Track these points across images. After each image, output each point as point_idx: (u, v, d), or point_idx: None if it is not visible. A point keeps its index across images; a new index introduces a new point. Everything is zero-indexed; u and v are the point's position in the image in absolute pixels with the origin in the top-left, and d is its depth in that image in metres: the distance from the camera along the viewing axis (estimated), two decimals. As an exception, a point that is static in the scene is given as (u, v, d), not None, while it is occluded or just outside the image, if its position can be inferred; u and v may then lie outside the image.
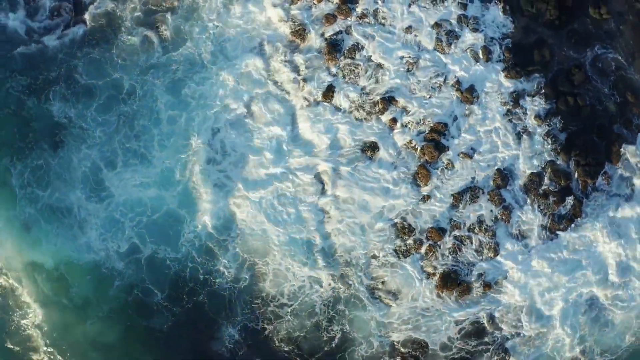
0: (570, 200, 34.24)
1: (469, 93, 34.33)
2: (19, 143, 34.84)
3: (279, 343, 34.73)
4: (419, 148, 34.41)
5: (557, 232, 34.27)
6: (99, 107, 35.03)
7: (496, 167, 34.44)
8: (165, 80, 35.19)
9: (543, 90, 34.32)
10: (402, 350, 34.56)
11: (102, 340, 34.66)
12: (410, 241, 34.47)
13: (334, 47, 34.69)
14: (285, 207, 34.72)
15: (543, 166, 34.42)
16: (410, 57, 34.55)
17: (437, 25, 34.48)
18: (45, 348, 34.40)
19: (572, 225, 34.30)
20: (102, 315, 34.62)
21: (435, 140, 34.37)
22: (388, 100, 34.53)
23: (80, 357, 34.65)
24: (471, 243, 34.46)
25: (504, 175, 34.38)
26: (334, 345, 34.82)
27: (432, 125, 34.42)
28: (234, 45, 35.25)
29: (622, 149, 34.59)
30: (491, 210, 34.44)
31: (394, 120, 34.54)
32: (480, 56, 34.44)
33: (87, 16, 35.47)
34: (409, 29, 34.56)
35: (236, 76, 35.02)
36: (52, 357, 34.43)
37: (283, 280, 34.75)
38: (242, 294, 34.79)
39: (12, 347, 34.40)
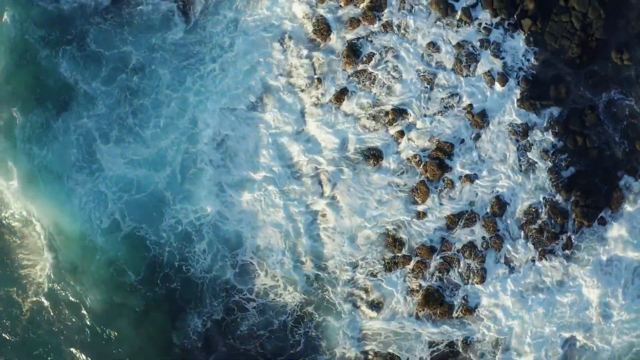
0: (563, 237, 34.21)
1: (479, 117, 34.31)
2: (26, 95, 35.00)
3: (240, 339, 34.73)
4: (422, 164, 34.42)
5: (542, 262, 34.27)
6: (104, 77, 35.09)
7: (496, 195, 34.43)
8: (173, 61, 35.18)
9: (554, 126, 34.28)
10: (374, 361, 34.69)
11: (88, 306, 34.92)
12: (399, 255, 34.49)
13: (353, 51, 34.72)
14: (275, 203, 34.75)
15: (542, 201, 34.38)
16: (427, 73, 34.55)
17: (458, 45, 34.46)
18: (35, 298, 34.78)
19: (555, 258, 34.24)
20: (87, 284, 34.83)
21: (440, 159, 34.37)
22: (399, 112, 34.55)
23: (73, 312, 34.90)
24: (459, 266, 34.46)
25: (502, 204, 34.37)
26: (298, 349, 34.78)
27: (438, 143, 34.43)
28: (254, 35, 35.22)
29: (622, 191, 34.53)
30: (483, 237, 34.44)
31: (401, 133, 34.56)
32: (497, 83, 34.39)
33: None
34: (430, 45, 34.55)
35: (250, 67, 35.04)
36: (44, 306, 34.83)
37: (254, 276, 34.80)
38: (212, 285, 34.78)
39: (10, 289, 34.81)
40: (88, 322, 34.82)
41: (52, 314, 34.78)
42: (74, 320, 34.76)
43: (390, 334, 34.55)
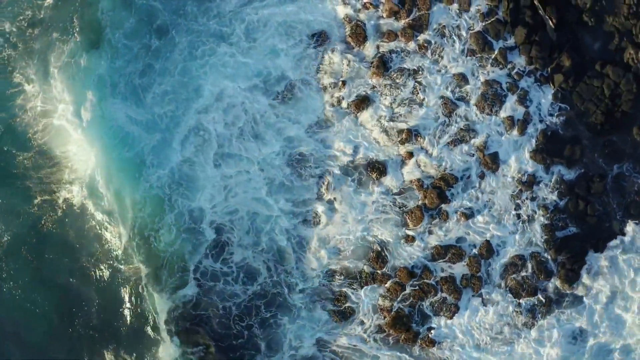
0: (541, 295, 34.21)
1: (490, 159, 34.30)
2: (67, 23, 35.46)
3: (187, 318, 34.91)
4: (423, 190, 34.46)
5: (514, 315, 34.32)
6: (130, 27, 35.36)
7: (487, 238, 34.44)
8: (196, 32, 35.31)
9: (560, 185, 34.24)
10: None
11: (99, 243, 35.71)
12: (378, 272, 34.58)
13: (384, 63, 34.78)
14: (262, 189, 34.89)
15: (530, 255, 34.35)
16: (449, 102, 34.57)
17: (487, 83, 34.41)
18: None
19: (528, 313, 34.26)
20: (102, 223, 35.62)
21: (442, 189, 34.42)
22: (413, 133, 34.58)
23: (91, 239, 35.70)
24: (435, 296, 34.48)
25: (491, 248, 34.38)
26: (240, 341, 34.87)
27: (444, 173, 34.46)
28: (289, 25, 35.26)
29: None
30: (464, 275, 34.48)
31: (410, 154, 34.62)
32: (515, 129, 34.34)
33: None
34: (459, 76, 34.56)
35: (277, 54, 35.15)
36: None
37: (212, 255, 35.05)
38: (171, 260, 34.94)
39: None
40: (93, 261, 35.36)
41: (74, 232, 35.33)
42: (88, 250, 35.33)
43: (348, 347, 34.63)
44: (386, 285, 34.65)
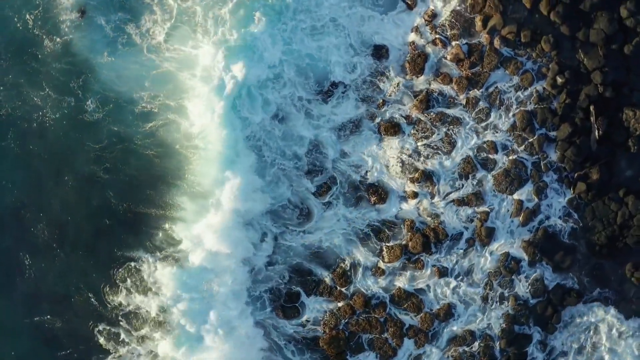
0: (477, 378, 34.54)
1: (486, 232, 34.33)
2: None
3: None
4: (411, 232, 34.52)
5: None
6: None
7: (449, 302, 34.54)
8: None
9: (538, 285, 34.29)
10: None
11: None
12: (338, 288, 34.67)
13: (428, 100, 34.76)
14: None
15: (482, 336, 34.47)
16: (471, 164, 34.56)
17: (514, 162, 34.28)
18: None
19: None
20: None
21: (429, 239, 34.49)
22: (426, 176, 34.61)
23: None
24: (379, 334, 34.59)
25: (449, 314, 34.52)
26: None
27: (437, 225, 34.52)
28: (358, 29, 35.16)
29: None
30: (412, 326, 34.61)
31: (415, 195, 34.67)
32: (521, 216, 34.34)
33: None
34: (491, 144, 34.47)
35: (331, 54, 34.95)
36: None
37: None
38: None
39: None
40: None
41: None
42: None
43: (277, 344, 34.93)
44: (339, 303, 34.76)
